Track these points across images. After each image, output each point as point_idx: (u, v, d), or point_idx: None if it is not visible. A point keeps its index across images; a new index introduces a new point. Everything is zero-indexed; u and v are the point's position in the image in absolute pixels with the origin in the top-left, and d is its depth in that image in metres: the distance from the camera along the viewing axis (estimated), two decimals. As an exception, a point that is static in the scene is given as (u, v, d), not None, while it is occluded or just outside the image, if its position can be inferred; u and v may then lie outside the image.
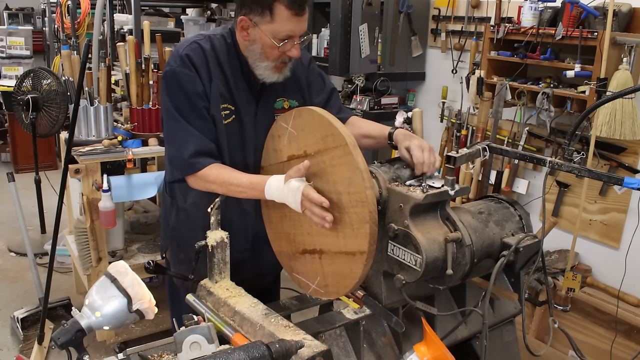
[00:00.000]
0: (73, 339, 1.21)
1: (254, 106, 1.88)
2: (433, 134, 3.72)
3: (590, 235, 3.01)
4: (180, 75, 1.77)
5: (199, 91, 1.77)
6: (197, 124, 1.76)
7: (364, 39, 3.59)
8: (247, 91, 1.85)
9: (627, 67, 2.55)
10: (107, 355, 2.61)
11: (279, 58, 1.76)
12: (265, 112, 1.89)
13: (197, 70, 1.77)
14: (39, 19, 7.71)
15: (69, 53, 3.07)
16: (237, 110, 1.84)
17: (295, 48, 1.74)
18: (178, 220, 2.01)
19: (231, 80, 1.83)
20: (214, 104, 1.80)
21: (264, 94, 1.89)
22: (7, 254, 4.30)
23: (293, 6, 1.66)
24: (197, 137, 1.75)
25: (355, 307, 1.66)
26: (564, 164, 1.59)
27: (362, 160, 1.42)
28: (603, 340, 2.76)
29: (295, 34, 1.72)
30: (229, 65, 1.82)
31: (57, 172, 5.39)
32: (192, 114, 1.76)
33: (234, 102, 1.84)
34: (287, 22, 1.69)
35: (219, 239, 1.66)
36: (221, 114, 1.81)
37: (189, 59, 1.77)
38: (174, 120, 1.78)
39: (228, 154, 1.84)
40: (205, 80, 1.79)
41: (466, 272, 1.55)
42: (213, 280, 1.69)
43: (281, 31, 1.70)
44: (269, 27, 1.70)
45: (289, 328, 1.46)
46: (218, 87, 1.80)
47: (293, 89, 1.94)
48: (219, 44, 1.83)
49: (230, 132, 1.84)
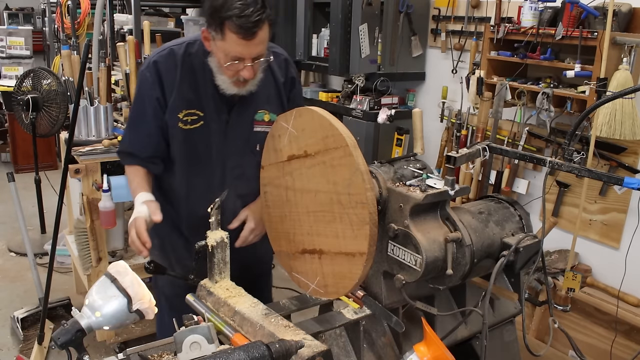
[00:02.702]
0: (73, 339, 1.21)
1: (225, 114, 1.90)
2: (433, 134, 3.72)
3: (590, 235, 3.01)
4: (143, 79, 1.88)
5: (154, 97, 1.85)
6: (140, 127, 1.92)
7: (364, 39, 3.58)
8: (218, 99, 1.87)
9: (627, 67, 2.55)
10: (107, 355, 2.61)
11: (233, 76, 1.77)
12: (240, 122, 1.91)
13: (160, 76, 1.84)
14: (39, 19, 7.71)
15: (69, 53, 3.07)
16: (205, 116, 1.88)
17: (247, 70, 1.73)
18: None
19: (201, 87, 1.85)
20: (173, 110, 1.86)
21: (241, 103, 1.89)
22: (7, 254, 4.30)
23: (240, 31, 1.64)
24: (133, 137, 1.95)
25: (355, 307, 1.66)
26: (564, 164, 1.59)
27: (363, 162, 1.42)
28: (603, 340, 2.76)
29: (244, 56, 1.71)
30: (202, 72, 1.85)
31: (57, 172, 5.39)
32: (140, 116, 1.91)
33: (202, 108, 1.87)
34: (236, 45, 1.67)
35: (219, 239, 1.66)
36: (183, 118, 1.86)
37: (156, 65, 1.85)
38: (130, 113, 2.00)
39: (187, 159, 1.91)
40: (168, 86, 1.84)
41: (466, 272, 1.55)
42: (213, 280, 1.69)
43: (230, 52, 1.70)
44: (221, 45, 1.71)
45: (289, 328, 1.46)
46: (185, 93, 1.85)
47: (276, 103, 1.96)
48: (197, 50, 1.86)
49: (194, 138, 1.89)
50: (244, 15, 1.61)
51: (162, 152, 1.94)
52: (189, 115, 1.85)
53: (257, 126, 1.93)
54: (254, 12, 1.62)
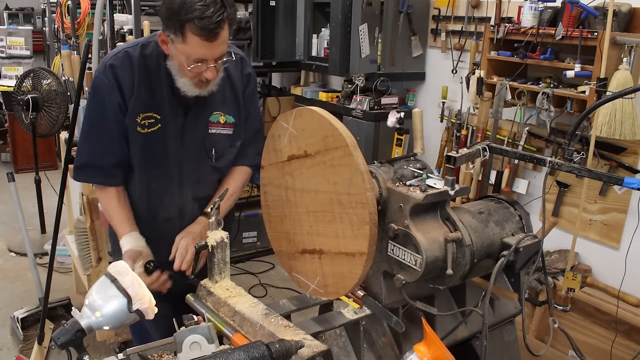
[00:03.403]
0: (73, 339, 1.21)
1: (182, 117, 1.87)
2: (433, 134, 3.72)
3: (590, 235, 3.02)
4: (101, 85, 1.81)
5: (115, 103, 1.80)
6: (100, 137, 1.84)
7: (364, 39, 3.59)
8: (174, 101, 1.84)
9: (627, 67, 2.55)
10: (107, 355, 2.60)
11: (195, 77, 1.74)
12: (195, 124, 1.89)
13: (119, 80, 1.79)
14: (39, 19, 7.71)
15: (69, 53, 3.07)
16: (163, 119, 1.84)
17: (211, 70, 1.72)
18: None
19: (158, 89, 1.82)
20: (132, 114, 1.82)
21: (197, 106, 1.87)
22: (7, 254, 4.30)
23: (202, 33, 1.62)
24: (91, 151, 1.87)
25: (355, 307, 1.66)
26: (564, 164, 1.59)
27: (363, 162, 1.42)
28: (603, 340, 2.76)
29: (207, 57, 1.69)
30: (157, 74, 1.82)
31: (57, 172, 5.38)
32: (101, 123, 1.84)
33: (159, 111, 1.84)
34: (198, 47, 1.65)
35: (219, 239, 1.66)
36: (141, 122, 1.82)
37: (112, 69, 1.79)
38: (85, 123, 1.88)
39: (145, 165, 1.88)
40: (127, 90, 1.80)
41: (466, 272, 1.55)
42: (213, 280, 1.69)
43: (192, 54, 1.68)
44: (182, 47, 1.68)
45: (289, 328, 1.46)
46: (142, 96, 1.81)
47: (232, 105, 1.93)
48: (151, 52, 1.82)
49: (152, 141, 1.85)
50: (205, 16, 1.59)
51: (124, 158, 1.88)
52: (146, 118, 1.82)
53: (212, 128, 1.91)
54: (215, 13, 1.60)
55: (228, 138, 1.95)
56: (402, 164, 1.67)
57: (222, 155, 1.96)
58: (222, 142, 1.95)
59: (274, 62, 4.20)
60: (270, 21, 4.03)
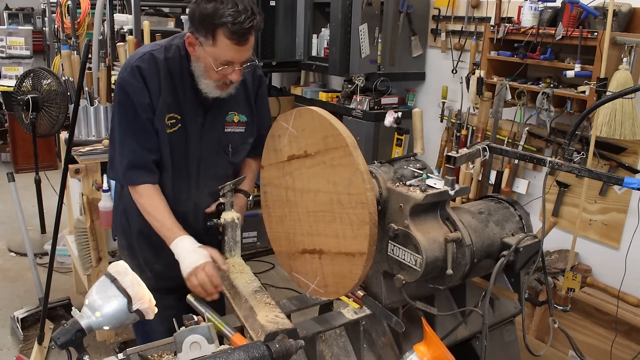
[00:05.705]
0: (73, 339, 1.21)
1: (202, 117, 1.94)
2: (433, 134, 3.72)
3: (590, 235, 3.02)
4: (129, 86, 1.84)
5: (145, 103, 1.84)
6: (137, 135, 1.87)
7: (364, 39, 3.59)
8: (196, 102, 1.91)
9: (627, 67, 2.55)
10: (107, 355, 2.60)
11: (220, 79, 1.82)
12: (213, 124, 1.97)
13: (146, 81, 1.84)
14: (39, 19, 7.71)
15: (69, 53, 3.07)
16: (183, 119, 1.91)
17: (236, 73, 1.80)
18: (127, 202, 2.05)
19: (180, 91, 1.89)
20: (160, 115, 1.87)
21: (215, 107, 1.95)
22: (7, 254, 4.30)
23: (234, 37, 1.70)
24: (133, 150, 1.86)
25: (355, 307, 1.66)
26: (564, 164, 1.59)
27: (363, 162, 1.42)
28: (603, 340, 2.76)
29: (235, 61, 1.77)
30: (179, 76, 1.88)
31: (57, 172, 5.38)
32: (135, 124, 1.86)
33: (180, 112, 1.90)
34: (228, 50, 1.73)
35: (229, 219, 1.85)
36: (166, 123, 1.88)
37: (139, 70, 1.84)
38: (119, 126, 1.89)
39: (171, 163, 1.93)
40: (154, 91, 1.85)
41: (466, 272, 1.55)
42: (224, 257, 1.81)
43: (221, 57, 1.75)
44: (211, 50, 1.75)
45: (269, 305, 1.59)
46: (166, 97, 1.86)
47: (244, 105, 2.02)
48: (173, 54, 1.88)
49: (175, 141, 1.91)
50: (237, 22, 1.68)
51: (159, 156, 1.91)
52: (170, 119, 1.89)
53: (227, 127, 2.00)
54: (246, 20, 1.69)
55: (241, 135, 2.04)
56: (402, 164, 1.67)
57: (237, 151, 2.06)
58: (236, 139, 2.04)
59: (274, 62, 4.21)
60: (270, 21, 4.03)
